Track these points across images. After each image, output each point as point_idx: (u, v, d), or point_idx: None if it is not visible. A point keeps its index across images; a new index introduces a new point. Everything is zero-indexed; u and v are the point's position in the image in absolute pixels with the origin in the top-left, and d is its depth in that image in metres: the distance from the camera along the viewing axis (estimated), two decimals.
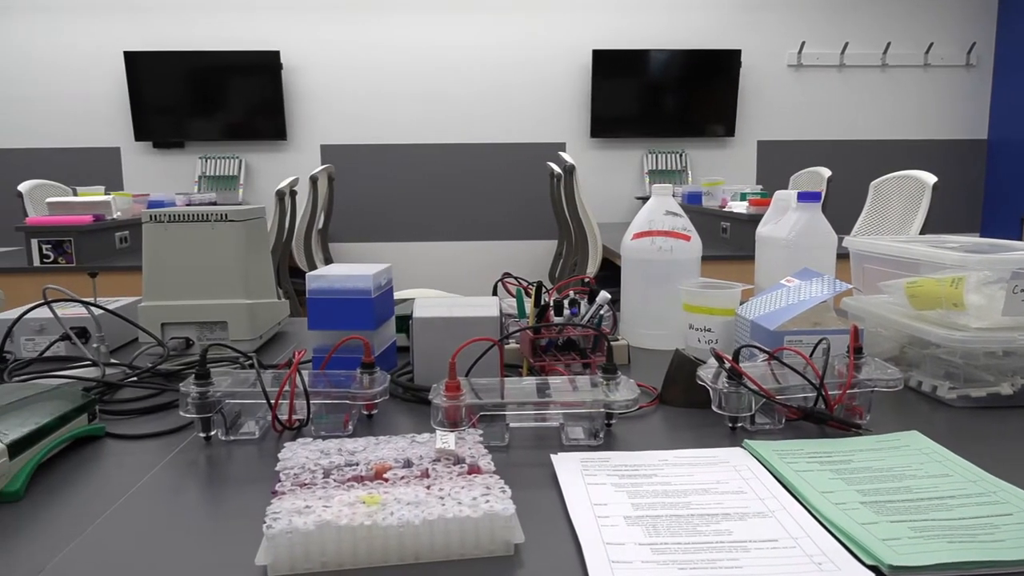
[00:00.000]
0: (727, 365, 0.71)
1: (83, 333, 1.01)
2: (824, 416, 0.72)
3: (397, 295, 1.22)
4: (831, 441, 0.69)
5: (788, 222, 1.07)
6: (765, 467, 0.63)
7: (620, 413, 0.72)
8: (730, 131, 4.63)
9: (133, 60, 4.37)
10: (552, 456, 0.66)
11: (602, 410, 0.68)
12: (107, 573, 0.48)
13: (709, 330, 0.95)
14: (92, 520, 0.55)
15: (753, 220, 2.60)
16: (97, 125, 4.52)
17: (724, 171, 4.73)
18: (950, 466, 0.62)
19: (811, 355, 0.78)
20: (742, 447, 0.68)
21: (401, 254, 4.72)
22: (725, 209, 2.96)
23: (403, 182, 4.65)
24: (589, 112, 4.62)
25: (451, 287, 4.73)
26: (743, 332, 0.92)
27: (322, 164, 4.52)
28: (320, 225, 3.83)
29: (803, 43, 4.62)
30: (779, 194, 1.13)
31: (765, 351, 0.77)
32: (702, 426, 0.74)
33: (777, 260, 1.08)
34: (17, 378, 0.86)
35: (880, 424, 0.74)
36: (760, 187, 3.59)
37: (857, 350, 0.75)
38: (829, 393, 0.71)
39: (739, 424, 0.73)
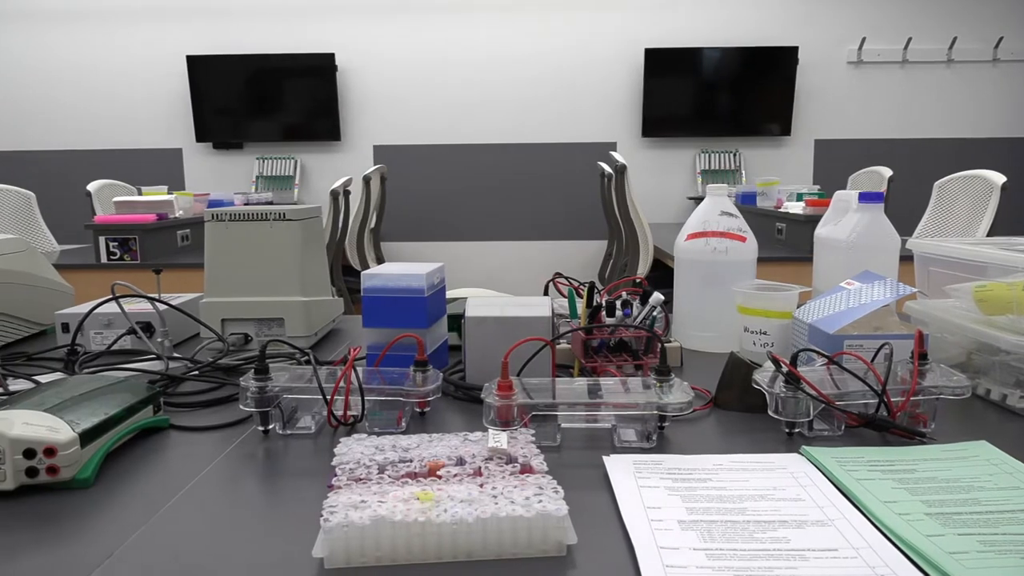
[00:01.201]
0: (784, 369, 0.70)
1: (148, 328, 1.05)
2: (886, 423, 0.70)
3: (448, 294, 1.23)
4: (893, 449, 0.66)
5: (849, 223, 1.04)
6: (824, 474, 0.61)
7: (674, 416, 0.72)
8: (786, 130, 4.53)
9: (195, 64, 4.51)
10: (604, 458, 0.65)
11: (655, 412, 0.68)
12: (172, 560, 0.49)
13: (765, 333, 0.93)
14: (158, 508, 0.57)
15: (810, 221, 2.53)
16: (161, 127, 4.68)
17: (779, 171, 4.63)
18: (1022, 478, 0.59)
19: (872, 360, 0.76)
20: (799, 453, 0.66)
21: (451, 253, 4.76)
22: (780, 210, 2.90)
23: (454, 182, 4.68)
24: (640, 111, 4.58)
25: (501, 287, 4.75)
26: (800, 336, 0.90)
27: (375, 164, 4.59)
28: (372, 224, 3.88)
29: (863, 39, 4.49)
30: (839, 194, 1.10)
31: (824, 355, 0.75)
32: (757, 431, 0.73)
33: (837, 262, 1.05)
34: (87, 370, 0.90)
35: (946, 433, 0.71)
36: (817, 187, 3.50)
37: (922, 356, 0.72)
38: (892, 400, 0.69)
39: (796, 430, 0.71)
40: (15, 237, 1.15)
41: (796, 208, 2.72)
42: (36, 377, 0.85)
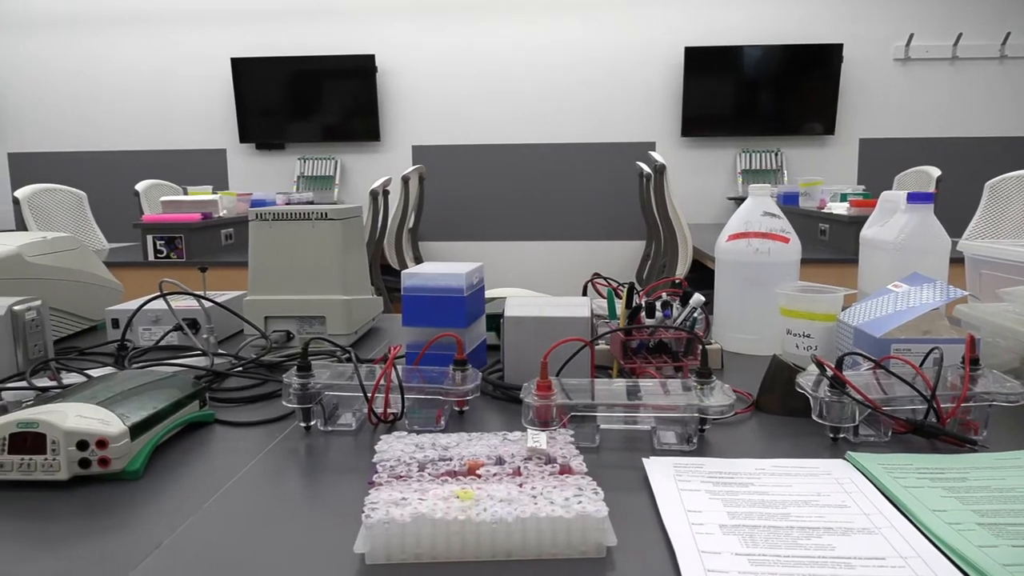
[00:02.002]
0: (829, 373, 0.69)
1: (194, 324, 1.08)
2: (935, 430, 0.68)
3: (486, 294, 1.24)
4: (943, 457, 0.65)
5: (896, 224, 1.01)
6: (870, 481, 0.60)
7: (715, 419, 0.71)
8: (829, 129, 4.44)
9: (239, 66, 4.60)
10: (644, 460, 0.65)
11: (696, 415, 0.67)
12: (218, 551, 0.50)
13: (808, 336, 0.92)
14: (204, 500, 0.58)
15: (854, 222, 2.48)
16: (206, 128, 4.78)
17: (822, 171, 4.54)
18: None
19: (921, 365, 0.74)
20: (844, 459, 0.65)
21: (488, 253, 4.77)
22: (824, 210, 2.84)
23: (492, 182, 4.69)
24: (680, 111, 4.54)
25: (537, 287, 4.75)
26: (845, 339, 0.88)
27: (413, 164, 4.62)
28: (411, 224, 3.92)
29: (911, 35, 4.38)
30: (886, 195, 1.08)
31: (871, 359, 0.73)
32: (800, 435, 0.72)
33: (884, 264, 1.02)
34: (136, 365, 0.92)
35: (999, 441, 0.69)
36: (862, 188, 3.43)
37: (973, 361, 0.70)
38: (941, 406, 0.67)
39: (841, 435, 0.70)
40: (68, 235, 1.19)
41: (840, 209, 2.67)
42: (88, 371, 0.88)
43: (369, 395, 0.71)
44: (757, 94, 4.44)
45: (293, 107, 4.63)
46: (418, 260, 4.13)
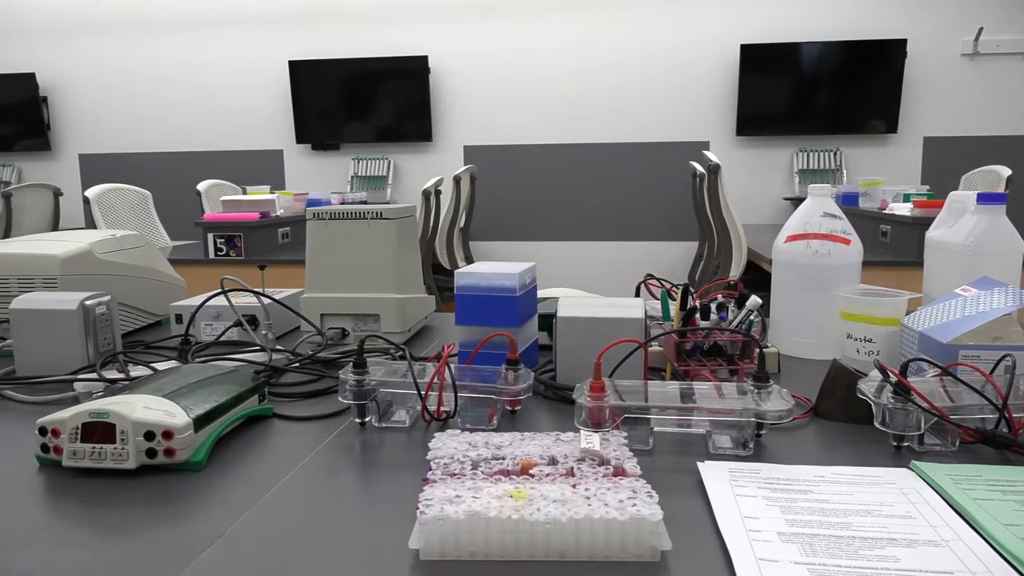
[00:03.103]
0: (893, 379, 0.66)
1: (253, 320, 1.10)
2: (1007, 441, 0.65)
3: (538, 294, 1.23)
4: (1015, 469, 0.62)
5: (965, 226, 0.97)
6: (936, 492, 0.58)
7: (772, 424, 0.69)
8: (892, 127, 4.31)
9: (296, 69, 4.70)
10: (698, 464, 0.64)
11: (752, 419, 0.66)
12: (277, 542, 0.51)
13: (870, 340, 0.89)
14: (263, 493, 0.60)
15: (918, 224, 2.40)
16: (264, 130, 4.91)
17: (884, 170, 4.41)
18: None
19: (991, 373, 0.71)
20: (909, 468, 0.63)
21: (539, 253, 4.77)
22: (886, 211, 2.75)
23: (543, 182, 4.69)
24: (735, 110, 4.46)
25: (588, 287, 4.72)
26: (909, 344, 0.85)
27: (465, 164, 4.65)
28: (462, 224, 3.94)
29: (981, 29, 4.21)
30: (954, 195, 1.04)
31: (937, 365, 0.71)
32: (861, 443, 0.70)
33: (951, 267, 0.99)
34: (198, 359, 0.95)
35: None
36: (926, 188, 3.31)
37: None
38: (1013, 415, 0.65)
39: (905, 444, 0.68)
40: (135, 233, 1.23)
41: (903, 210, 2.58)
42: (153, 364, 0.91)
43: (423, 393, 0.72)
44: (815, 92, 4.34)
45: (348, 108, 4.71)
46: (469, 260, 4.16)
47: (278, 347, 1.03)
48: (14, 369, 0.95)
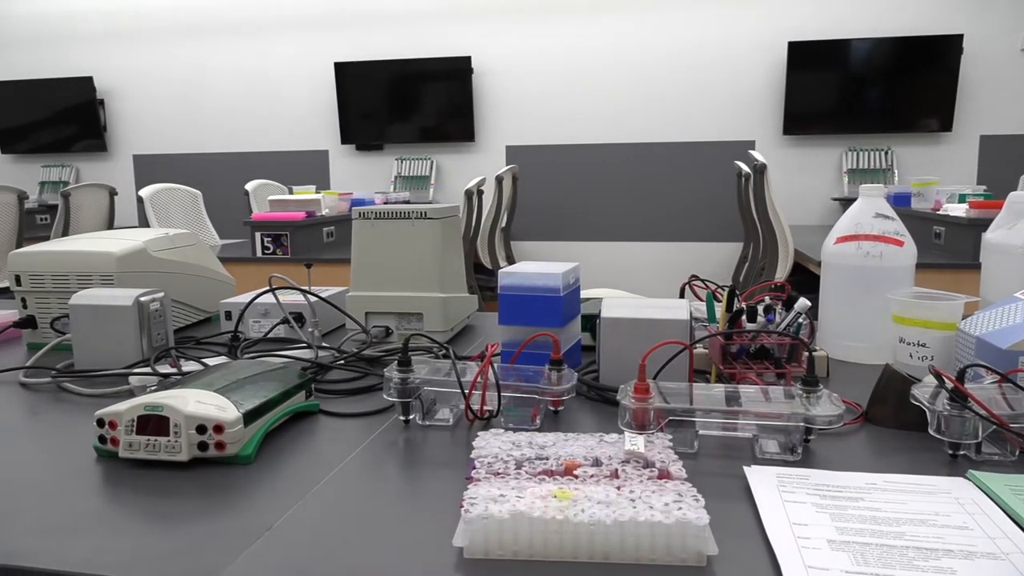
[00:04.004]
0: (949, 385, 0.64)
1: (299, 318, 1.12)
2: None
3: (581, 294, 1.23)
4: None
5: None
6: (995, 503, 0.56)
7: (822, 429, 0.68)
8: (946, 125, 4.18)
9: (342, 70, 4.77)
10: (745, 468, 0.63)
11: (801, 424, 0.64)
12: (324, 537, 0.52)
13: (924, 345, 0.87)
14: (310, 487, 0.61)
15: (974, 225, 2.32)
16: (310, 130, 4.99)
17: (937, 170, 4.28)
18: None
19: None
20: (966, 478, 0.61)
21: (581, 253, 4.76)
22: (939, 212, 2.67)
23: (585, 182, 4.68)
24: (782, 108, 4.38)
25: (630, 288, 4.69)
26: (965, 350, 0.83)
27: (507, 164, 4.66)
28: (503, 224, 3.95)
29: None
30: (1014, 196, 1.00)
31: (996, 372, 0.68)
32: (915, 450, 0.68)
33: (1010, 271, 0.95)
34: (247, 355, 0.97)
35: None
36: (983, 188, 3.20)
37: None
38: None
39: (961, 452, 0.65)
40: (188, 232, 1.27)
41: (958, 211, 2.50)
42: (204, 360, 0.93)
43: (467, 392, 0.72)
44: (866, 89, 4.23)
45: (392, 109, 4.77)
46: (510, 259, 4.17)
47: (324, 344, 1.05)
48: (73, 362, 0.98)
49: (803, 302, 0.87)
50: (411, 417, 0.76)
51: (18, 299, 1.10)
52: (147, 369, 0.89)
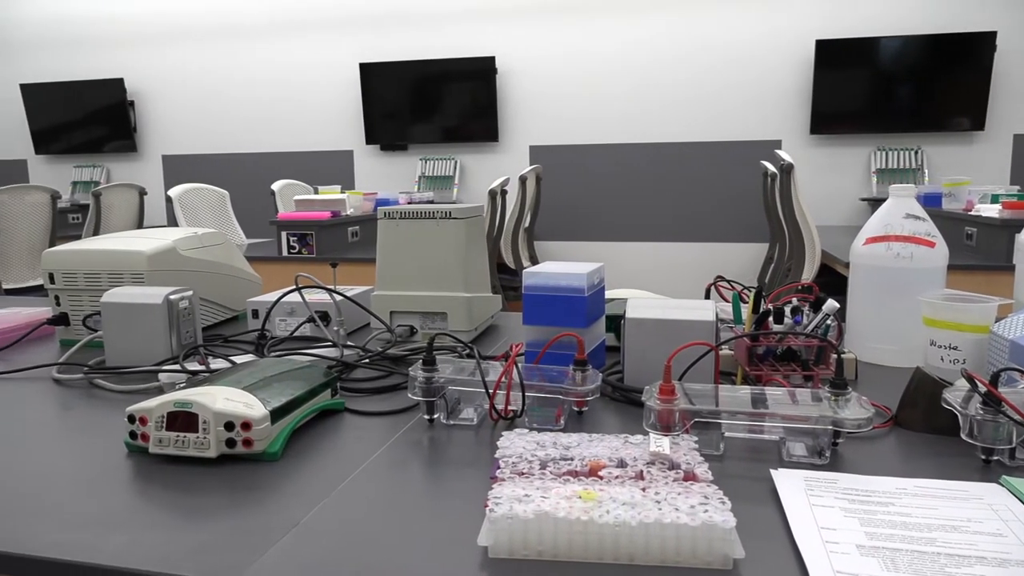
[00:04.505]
0: (982, 389, 0.63)
1: (325, 317, 1.13)
2: None
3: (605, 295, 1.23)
4: None
5: None
6: None
7: (850, 432, 0.67)
8: (978, 124, 4.10)
9: (367, 71, 4.80)
10: (772, 471, 0.62)
11: (829, 427, 0.63)
12: (350, 534, 0.53)
13: (955, 348, 0.85)
14: (336, 484, 0.61)
15: (1007, 226, 2.28)
16: (335, 131, 5.03)
17: (969, 169, 4.20)
18: None
19: None
20: (999, 484, 0.59)
21: (605, 253, 4.74)
22: (971, 213, 2.63)
23: (609, 182, 4.66)
24: (809, 107, 4.32)
25: (654, 288, 4.67)
26: (999, 353, 0.81)
27: (531, 164, 4.66)
28: (527, 223, 3.95)
29: None
30: None
31: None
32: (946, 455, 0.67)
33: None
34: (274, 353, 0.98)
35: None
36: (1016, 188, 3.14)
37: None
38: None
39: (995, 457, 0.64)
40: (216, 231, 1.28)
41: (990, 211, 2.46)
42: (232, 357, 0.95)
43: (491, 391, 0.72)
44: (895, 88, 4.16)
45: (416, 109, 4.79)
46: (534, 259, 4.17)
47: (349, 343, 1.06)
48: (104, 359, 1.00)
49: (831, 304, 0.85)
50: (435, 416, 0.76)
51: (51, 297, 1.13)
52: (176, 366, 0.90)
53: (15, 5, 5.43)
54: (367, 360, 0.97)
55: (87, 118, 5.36)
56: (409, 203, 4.03)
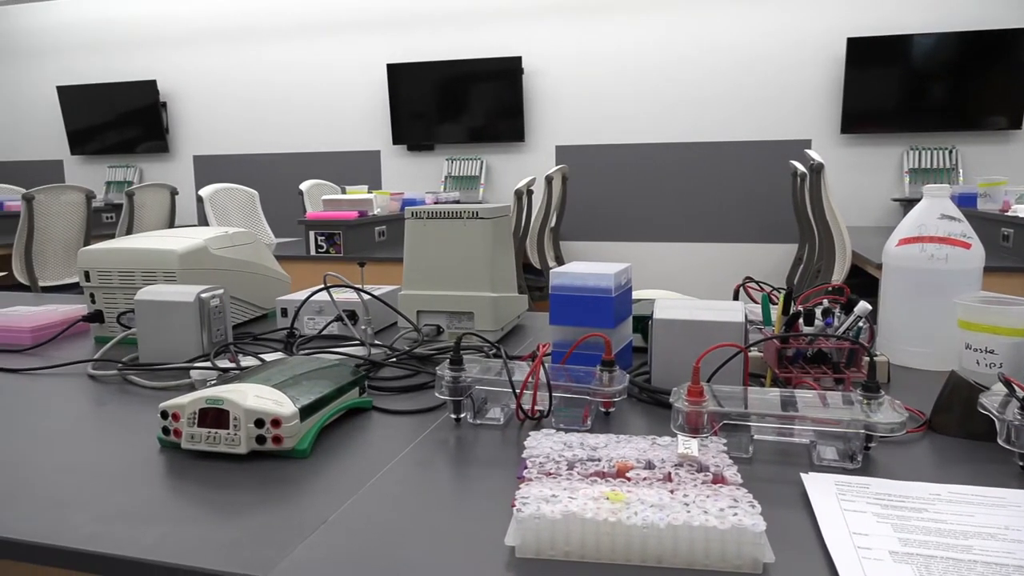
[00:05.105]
0: (1020, 393, 0.62)
1: (352, 316, 1.14)
2: None
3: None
4: None
5: None
6: None
7: (883, 437, 0.66)
8: (1015, 123, 4.00)
9: (394, 72, 4.83)
10: (802, 475, 0.61)
11: (861, 431, 0.62)
12: (378, 531, 0.53)
13: (992, 352, 0.83)
14: (364, 482, 0.62)
15: None
16: (363, 131, 5.07)
17: (1006, 169, 4.11)
18: None
19: None
20: None
21: (631, 254, 4.72)
22: (1008, 213, 2.57)
23: (635, 181, 4.63)
24: (840, 106, 4.26)
25: (681, 289, 4.63)
26: None
27: (557, 164, 4.65)
28: (553, 223, 3.95)
29: None
30: None
31: None
32: (982, 461, 0.65)
33: None
34: (303, 352, 0.99)
35: None
36: None
37: None
38: None
39: None
40: (246, 230, 1.30)
41: None
42: (261, 355, 0.96)
43: (518, 391, 0.72)
44: (929, 86, 4.09)
45: (442, 110, 4.81)
46: (559, 259, 4.16)
47: (376, 342, 1.06)
48: (137, 356, 1.02)
49: (863, 305, 0.84)
50: (462, 416, 0.76)
51: (87, 294, 1.15)
52: (207, 363, 0.91)
53: (52, 10, 5.55)
54: (394, 359, 0.98)
55: (121, 119, 5.46)
56: (435, 203, 4.05)
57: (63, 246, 3.58)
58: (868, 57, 4.14)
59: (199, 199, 3.18)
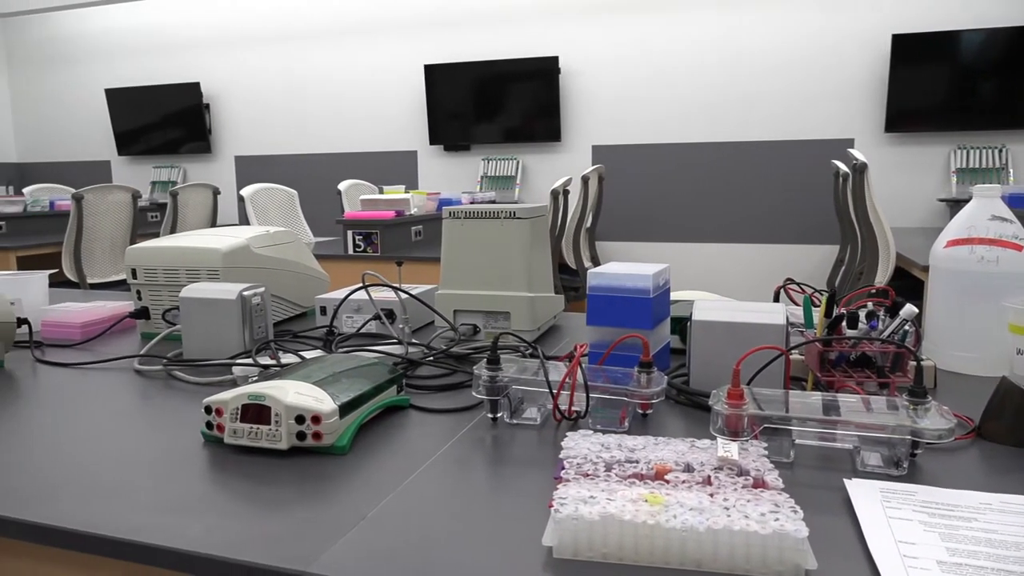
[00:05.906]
0: None
1: (390, 314, 1.15)
2: None
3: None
4: None
5: None
6: None
7: (930, 443, 0.64)
8: None
9: (431, 72, 4.86)
10: (845, 481, 0.60)
11: (908, 437, 0.61)
12: (416, 529, 0.53)
13: None
14: (402, 480, 0.62)
15: None
16: (400, 131, 5.12)
17: None
18: None
19: None
20: None
21: (668, 254, 4.68)
22: None
23: (672, 182, 4.59)
24: (884, 104, 4.16)
25: (719, 290, 4.58)
26: None
27: (593, 164, 4.64)
28: (588, 224, 3.93)
29: None
30: None
31: None
32: None
33: None
34: (341, 349, 1.01)
35: None
36: None
37: None
38: None
39: None
40: (286, 230, 1.32)
41: None
42: (301, 353, 0.97)
43: (555, 392, 0.72)
44: (978, 84, 3.97)
45: (479, 110, 4.82)
46: (595, 260, 4.14)
47: (414, 341, 1.07)
48: (182, 352, 1.04)
49: (910, 308, 0.82)
50: (499, 415, 0.77)
51: (133, 291, 1.18)
52: (249, 360, 0.93)
53: (101, 16, 5.71)
54: (431, 358, 0.98)
55: (165, 121, 5.59)
56: (471, 203, 4.06)
57: (110, 244, 3.68)
58: (914, 54, 4.04)
59: (240, 199, 3.24)
